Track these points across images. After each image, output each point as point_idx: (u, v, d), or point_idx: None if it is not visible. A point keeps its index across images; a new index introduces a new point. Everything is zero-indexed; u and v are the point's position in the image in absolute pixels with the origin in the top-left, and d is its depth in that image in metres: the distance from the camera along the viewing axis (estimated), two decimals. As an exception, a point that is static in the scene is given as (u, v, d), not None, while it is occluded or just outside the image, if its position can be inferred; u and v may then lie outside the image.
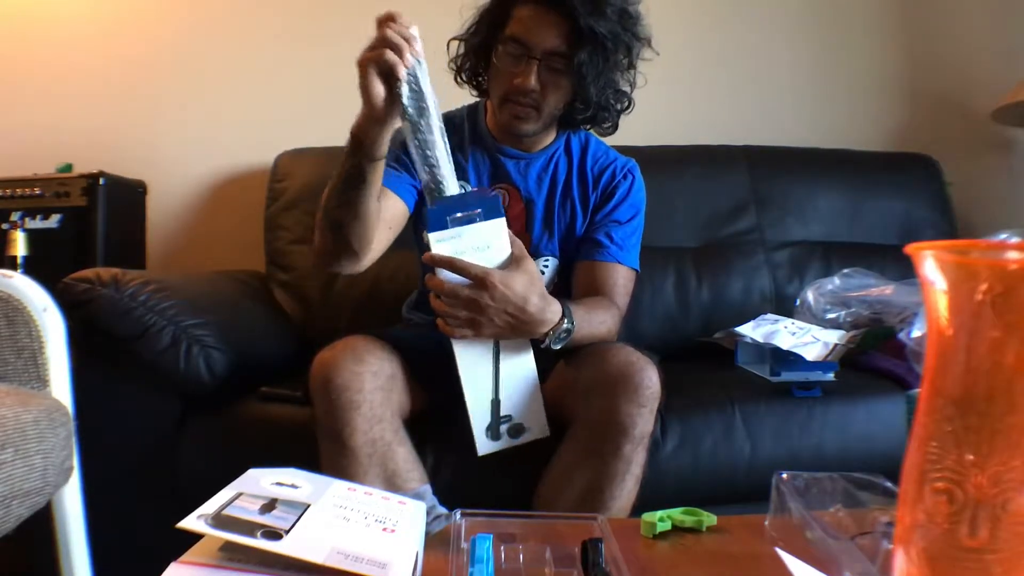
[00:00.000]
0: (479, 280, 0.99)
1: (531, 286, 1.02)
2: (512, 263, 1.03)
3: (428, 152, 1.02)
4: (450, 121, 1.34)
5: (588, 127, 1.33)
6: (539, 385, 1.11)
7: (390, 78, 0.97)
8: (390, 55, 0.95)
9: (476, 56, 1.27)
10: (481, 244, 1.02)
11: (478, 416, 1.09)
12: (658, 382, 1.05)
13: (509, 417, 1.10)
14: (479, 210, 1.02)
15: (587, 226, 1.31)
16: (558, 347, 1.09)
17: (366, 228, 1.08)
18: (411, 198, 1.26)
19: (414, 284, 1.48)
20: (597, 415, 1.05)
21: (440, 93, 1.33)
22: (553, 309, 1.06)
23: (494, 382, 1.08)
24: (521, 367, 1.09)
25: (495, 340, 1.07)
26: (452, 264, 1.00)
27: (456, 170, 1.31)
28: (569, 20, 1.14)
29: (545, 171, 1.32)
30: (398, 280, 1.71)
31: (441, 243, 1.01)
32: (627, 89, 1.28)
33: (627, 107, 1.30)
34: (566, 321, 1.07)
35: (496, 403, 1.09)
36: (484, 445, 1.09)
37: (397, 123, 1.02)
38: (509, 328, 1.03)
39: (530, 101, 1.19)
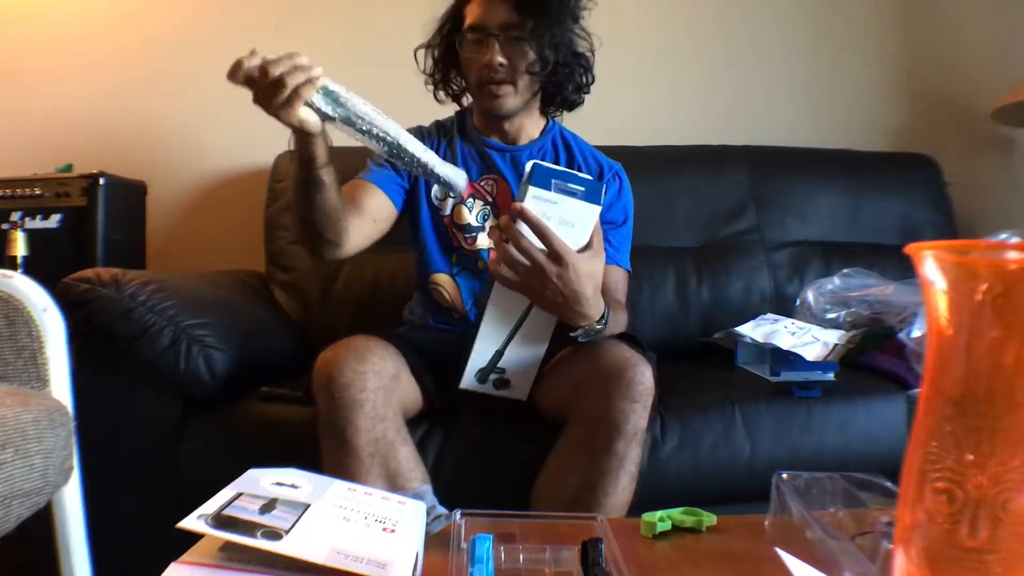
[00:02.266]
0: (556, 254, 1.00)
1: (592, 280, 1.04)
2: (586, 252, 1.04)
3: (375, 130, 1.01)
4: (441, 125, 1.42)
5: (563, 103, 1.37)
6: (541, 360, 1.13)
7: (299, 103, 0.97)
8: (285, 96, 0.96)
9: (444, 61, 1.36)
10: (568, 220, 1.02)
11: (478, 357, 1.10)
12: (651, 378, 1.06)
13: (503, 371, 1.12)
14: (583, 189, 1.02)
15: None
16: (584, 341, 1.11)
17: (333, 221, 1.15)
18: (398, 196, 1.32)
19: (413, 285, 1.48)
20: (590, 411, 1.05)
21: (420, 110, 1.37)
22: (598, 308, 1.08)
23: (508, 337, 1.10)
24: (536, 341, 1.11)
25: (530, 304, 1.08)
26: (539, 228, 0.99)
27: (449, 160, 1.34)
28: None
29: None
30: (398, 280, 1.71)
31: (536, 200, 1.00)
32: (585, 49, 1.33)
33: (589, 68, 1.34)
34: (602, 322, 1.10)
35: (499, 355, 1.10)
36: (469, 382, 1.12)
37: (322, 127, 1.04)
38: (555, 306, 1.05)
39: (503, 76, 1.26)
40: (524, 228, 1.00)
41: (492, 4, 1.25)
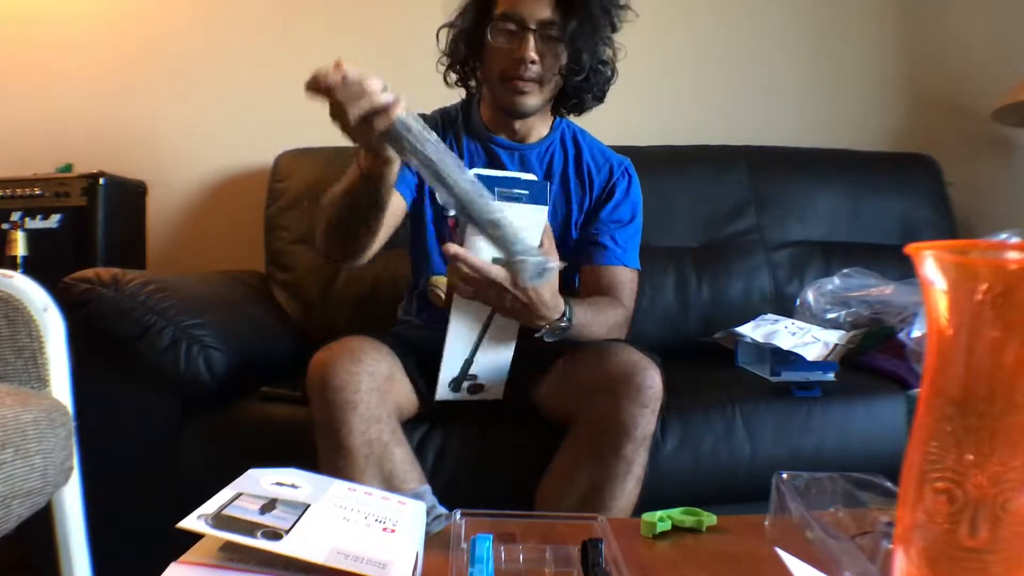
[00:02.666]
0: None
1: (547, 283, 1.05)
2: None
3: (446, 178, 0.91)
4: (446, 114, 1.37)
5: (576, 107, 1.32)
6: (511, 358, 1.15)
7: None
8: (379, 122, 0.89)
9: (467, 43, 1.28)
10: (517, 225, 0.99)
11: (448, 368, 1.13)
12: (660, 383, 1.05)
13: (475, 376, 1.14)
14: (527, 192, 1.02)
15: (586, 224, 1.32)
16: (551, 340, 1.12)
17: (374, 236, 1.14)
18: (410, 195, 1.29)
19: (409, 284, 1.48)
20: (599, 415, 1.05)
21: (429, 94, 1.35)
22: (557, 308, 1.09)
23: (475, 345, 1.12)
24: (503, 343, 1.13)
25: (491, 312, 1.10)
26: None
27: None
28: None
29: (540, 163, 1.33)
30: (398, 280, 1.71)
31: None
32: (609, 57, 1.30)
33: (611, 77, 1.31)
34: (564, 319, 1.11)
35: (468, 363, 1.13)
36: (443, 393, 1.15)
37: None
38: (513, 311, 1.07)
39: (531, 74, 1.21)
40: (478, 243, 1.01)
41: None
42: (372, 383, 1.04)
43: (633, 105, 2.12)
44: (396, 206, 1.23)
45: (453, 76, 1.34)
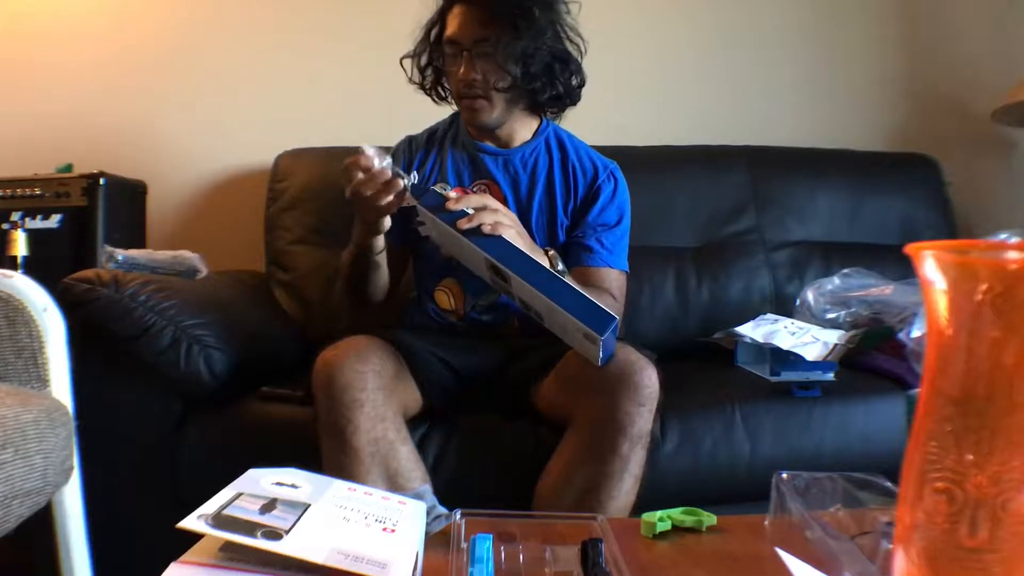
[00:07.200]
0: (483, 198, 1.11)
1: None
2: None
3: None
4: (432, 132, 1.42)
5: (552, 110, 1.36)
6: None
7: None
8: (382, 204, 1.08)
9: (432, 69, 1.36)
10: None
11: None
12: (657, 381, 1.05)
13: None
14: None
15: (572, 228, 1.33)
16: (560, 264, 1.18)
17: (381, 290, 1.33)
18: (400, 237, 1.34)
19: (412, 285, 1.49)
20: (596, 413, 1.05)
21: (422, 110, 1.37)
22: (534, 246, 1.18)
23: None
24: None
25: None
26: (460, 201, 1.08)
27: (439, 171, 1.36)
28: (483, 8, 1.24)
29: (524, 166, 1.35)
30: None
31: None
32: (571, 54, 1.31)
33: (576, 74, 1.32)
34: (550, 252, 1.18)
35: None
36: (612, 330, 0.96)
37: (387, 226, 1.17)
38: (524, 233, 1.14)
39: (477, 91, 1.26)
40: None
41: (464, 18, 1.25)
42: (378, 382, 1.04)
43: (633, 105, 2.12)
44: (398, 256, 1.36)
45: (436, 96, 1.40)
